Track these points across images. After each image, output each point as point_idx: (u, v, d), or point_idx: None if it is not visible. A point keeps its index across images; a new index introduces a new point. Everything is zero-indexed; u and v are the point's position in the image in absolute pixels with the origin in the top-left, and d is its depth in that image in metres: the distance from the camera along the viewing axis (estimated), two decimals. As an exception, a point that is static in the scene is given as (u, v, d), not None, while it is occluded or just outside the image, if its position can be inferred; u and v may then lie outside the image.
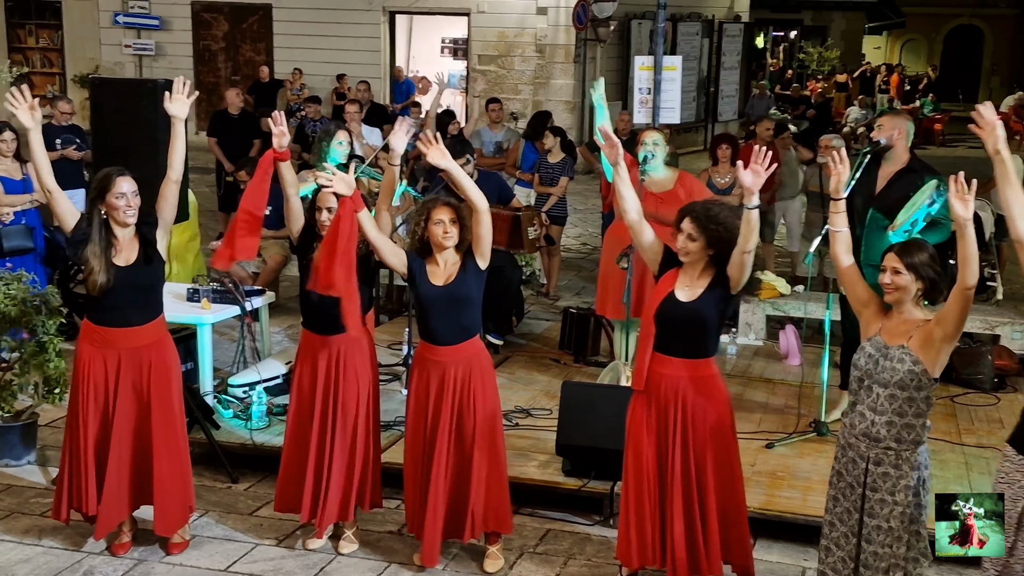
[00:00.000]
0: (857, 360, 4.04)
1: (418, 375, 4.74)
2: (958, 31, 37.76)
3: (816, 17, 31.99)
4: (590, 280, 10.53)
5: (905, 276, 3.91)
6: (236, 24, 19.64)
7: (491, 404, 4.71)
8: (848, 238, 4.19)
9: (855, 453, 4.01)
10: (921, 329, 3.90)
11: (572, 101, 18.01)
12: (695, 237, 4.27)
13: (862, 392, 4.00)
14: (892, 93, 27.60)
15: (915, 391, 3.90)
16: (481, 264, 4.62)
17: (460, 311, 4.62)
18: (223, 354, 7.31)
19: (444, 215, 4.59)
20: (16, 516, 5.43)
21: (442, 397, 4.65)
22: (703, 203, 4.42)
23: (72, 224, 4.71)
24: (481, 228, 4.54)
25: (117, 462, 4.79)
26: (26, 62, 20.34)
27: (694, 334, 4.32)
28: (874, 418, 3.95)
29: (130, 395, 4.78)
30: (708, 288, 4.30)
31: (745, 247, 4.16)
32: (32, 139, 4.69)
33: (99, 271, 4.60)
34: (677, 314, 4.29)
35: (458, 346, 4.65)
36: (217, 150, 11.74)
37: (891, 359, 3.92)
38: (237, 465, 5.91)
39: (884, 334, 3.99)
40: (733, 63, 22.31)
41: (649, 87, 9.54)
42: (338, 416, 4.88)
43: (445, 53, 20.18)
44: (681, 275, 4.36)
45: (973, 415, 6.75)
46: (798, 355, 7.65)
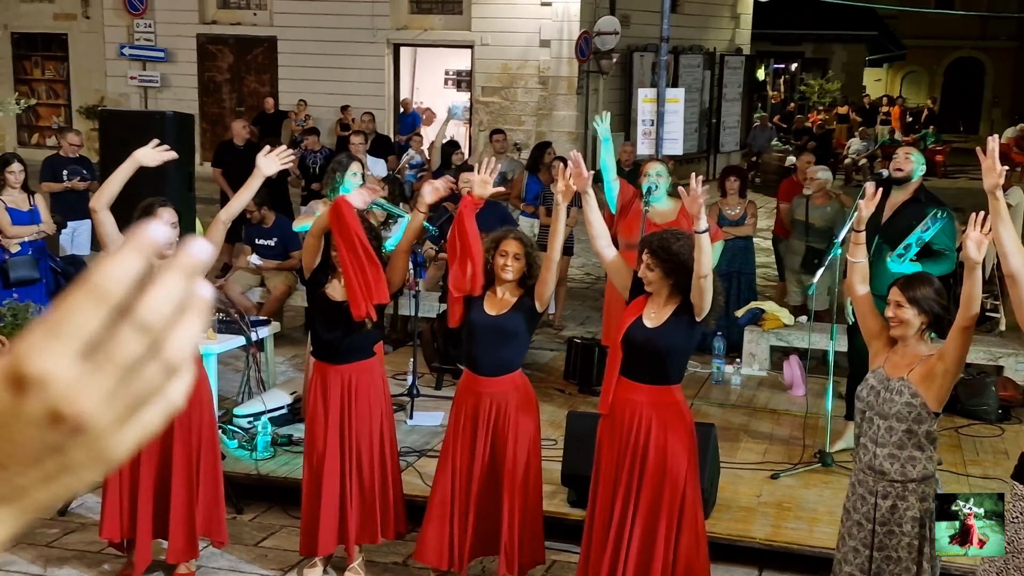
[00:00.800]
0: (860, 391, 4.06)
1: (458, 403, 4.75)
2: (959, 63, 37.96)
3: (817, 49, 32.18)
4: (594, 310, 10.55)
5: (908, 310, 3.93)
6: (241, 56, 19.79)
7: (525, 440, 4.66)
8: (865, 269, 4.22)
9: (864, 489, 4.01)
10: (923, 362, 3.92)
11: (575, 132, 18.11)
12: (652, 267, 4.31)
13: (864, 424, 4.03)
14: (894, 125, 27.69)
15: (914, 423, 3.90)
16: (538, 307, 4.62)
17: (504, 344, 4.62)
18: (227, 384, 7.32)
19: (510, 248, 4.60)
20: (22, 546, 5.43)
21: (477, 427, 4.64)
22: (659, 234, 4.43)
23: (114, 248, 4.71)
24: (549, 273, 4.56)
25: (147, 489, 4.80)
26: (32, 93, 20.47)
27: (658, 360, 4.32)
28: (876, 450, 3.96)
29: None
30: (674, 315, 4.32)
31: (700, 272, 4.18)
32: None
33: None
34: (643, 340, 4.31)
35: (496, 379, 4.64)
36: (222, 180, 11.78)
37: (891, 391, 3.94)
38: (242, 495, 5.90)
39: (888, 366, 4.01)
40: (735, 95, 22.44)
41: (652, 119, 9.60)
42: (354, 445, 4.86)
43: (449, 85, 20.33)
44: (649, 302, 4.39)
45: (978, 446, 6.75)
46: (802, 386, 7.64)
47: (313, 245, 4.81)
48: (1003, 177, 3.77)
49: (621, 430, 4.37)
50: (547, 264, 4.55)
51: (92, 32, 20.66)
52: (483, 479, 4.66)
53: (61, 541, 5.50)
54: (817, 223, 8.66)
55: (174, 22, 19.67)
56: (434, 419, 6.93)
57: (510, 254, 4.58)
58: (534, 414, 4.75)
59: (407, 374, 7.43)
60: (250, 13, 19.74)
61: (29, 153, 15.61)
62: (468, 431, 4.66)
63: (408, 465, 6.12)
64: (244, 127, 12.17)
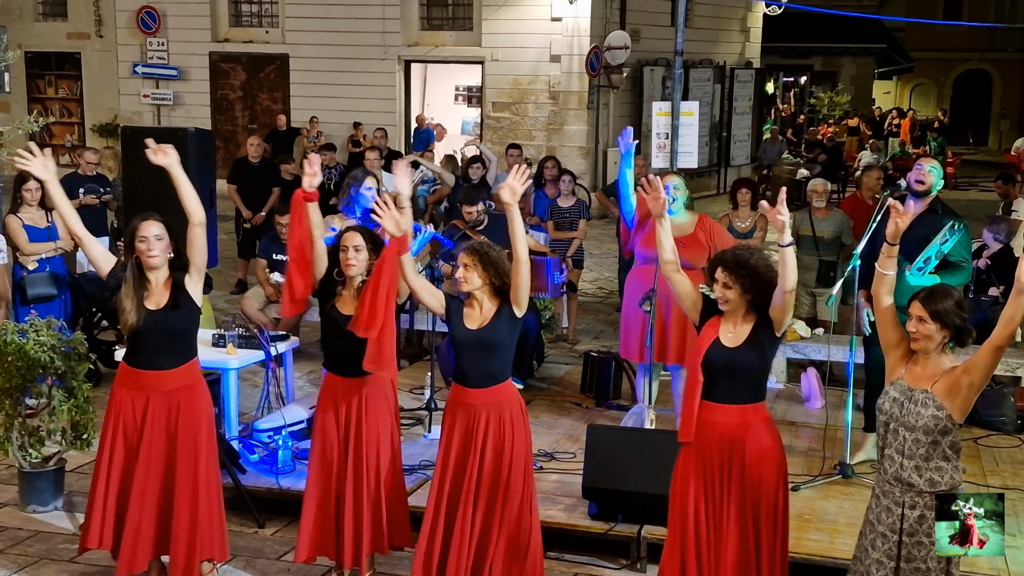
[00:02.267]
0: (882, 404, 4.04)
1: (448, 416, 4.76)
2: (967, 75, 37.98)
3: (826, 62, 32.22)
4: (608, 324, 10.57)
5: (930, 325, 3.92)
6: (253, 73, 19.91)
7: (520, 450, 4.68)
8: (893, 281, 4.20)
9: (890, 500, 3.99)
10: (947, 375, 3.91)
11: (586, 147, 18.17)
12: (730, 285, 4.28)
13: (889, 436, 4.01)
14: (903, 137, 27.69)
15: (939, 435, 3.90)
16: (517, 312, 4.63)
17: (490, 356, 4.63)
18: (245, 399, 7.35)
19: (462, 259, 4.64)
20: (44, 562, 5.45)
21: (470, 440, 4.65)
22: (732, 251, 4.42)
23: (107, 269, 4.80)
24: (519, 277, 4.54)
25: (139, 503, 4.80)
26: (46, 112, 20.60)
27: (743, 379, 4.29)
28: (903, 461, 3.95)
29: (157, 437, 4.80)
30: (752, 331, 4.30)
31: (785, 287, 4.17)
32: (51, 190, 4.78)
33: (130, 312, 4.69)
34: (726, 360, 4.27)
35: (486, 390, 4.65)
36: (236, 197, 11.85)
37: (915, 403, 3.93)
38: (264, 510, 5.93)
39: (908, 378, 4.00)
40: (745, 108, 22.49)
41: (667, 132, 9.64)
42: (361, 457, 4.88)
43: (459, 100, 20.42)
44: (724, 321, 4.36)
45: (997, 457, 6.74)
46: (820, 398, 7.65)
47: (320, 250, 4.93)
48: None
49: (710, 453, 4.31)
50: (516, 267, 4.53)
51: (105, 51, 20.82)
52: (480, 493, 4.63)
53: (84, 557, 5.48)
54: (825, 235, 8.69)
55: (187, 40, 19.82)
56: (452, 433, 6.94)
57: (462, 266, 4.61)
58: (525, 424, 4.76)
59: (424, 388, 7.45)
60: (262, 31, 19.87)
61: (44, 171, 15.65)
62: (461, 445, 4.67)
63: (428, 479, 6.13)
64: (258, 144, 12.23)
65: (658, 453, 5.44)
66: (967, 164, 24.83)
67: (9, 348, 5.79)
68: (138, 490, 4.80)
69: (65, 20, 21.24)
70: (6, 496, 6.22)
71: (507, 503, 4.64)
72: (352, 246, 4.84)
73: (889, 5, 33.66)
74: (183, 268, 4.82)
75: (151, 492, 4.84)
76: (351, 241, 4.86)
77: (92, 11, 20.84)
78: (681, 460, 4.43)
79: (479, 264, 4.59)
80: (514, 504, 4.65)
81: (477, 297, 4.66)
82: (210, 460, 4.95)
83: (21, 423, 5.90)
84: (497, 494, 4.64)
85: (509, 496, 4.64)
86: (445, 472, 4.72)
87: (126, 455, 4.83)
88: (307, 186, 4.90)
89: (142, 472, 4.80)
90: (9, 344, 5.80)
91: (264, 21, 19.94)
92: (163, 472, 4.85)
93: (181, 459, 4.83)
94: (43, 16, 21.54)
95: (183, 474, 4.83)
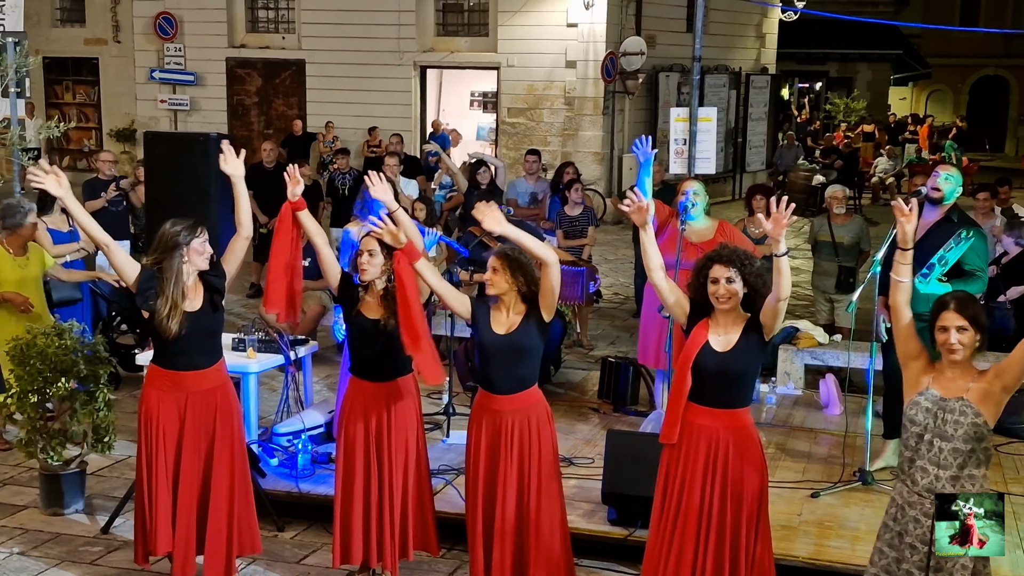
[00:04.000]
0: (914, 416, 3.96)
1: (475, 423, 4.76)
2: (983, 81, 37.84)
3: (842, 68, 32.15)
4: (624, 329, 10.57)
5: (971, 332, 3.88)
6: (269, 79, 19.98)
7: (548, 455, 4.69)
8: (910, 289, 4.14)
9: (918, 511, 3.95)
10: (980, 381, 3.88)
11: (601, 153, 18.16)
12: (733, 279, 4.26)
13: (923, 447, 3.94)
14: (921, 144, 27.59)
15: (977, 443, 3.87)
16: (546, 316, 4.62)
17: (518, 361, 4.63)
18: (264, 403, 7.37)
19: (491, 263, 4.65)
20: (66, 564, 5.48)
21: (499, 446, 4.66)
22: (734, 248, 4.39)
23: (133, 274, 4.79)
24: (549, 281, 4.54)
25: (187, 503, 4.85)
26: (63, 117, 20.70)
27: (732, 384, 4.31)
28: (938, 472, 3.90)
29: (201, 437, 4.86)
30: (743, 336, 4.30)
31: (780, 295, 4.17)
32: (68, 205, 4.81)
33: (173, 319, 4.70)
34: (716, 365, 4.27)
35: (515, 395, 4.65)
36: (252, 202, 11.86)
37: (952, 412, 3.88)
38: (283, 514, 5.94)
39: (938, 387, 3.95)
40: (760, 114, 22.45)
41: (685, 138, 9.62)
42: (391, 461, 4.89)
43: (474, 106, 20.45)
44: (713, 325, 4.35)
45: (1019, 464, 6.71)
46: (838, 405, 7.62)
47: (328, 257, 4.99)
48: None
49: (694, 455, 4.33)
50: (545, 271, 4.54)
51: (123, 56, 20.93)
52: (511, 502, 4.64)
53: (105, 559, 5.54)
54: (844, 241, 8.67)
55: (203, 46, 19.90)
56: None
57: (490, 269, 4.62)
58: (552, 428, 4.77)
59: (442, 393, 7.46)
60: (278, 37, 19.94)
61: (62, 176, 15.74)
62: (490, 451, 4.67)
63: (447, 483, 6.15)
64: (273, 149, 12.25)
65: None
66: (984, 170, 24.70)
67: (32, 351, 5.83)
68: (185, 490, 4.84)
69: (83, 26, 21.37)
70: (28, 498, 6.25)
71: (541, 509, 4.64)
72: (367, 251, 4.87)
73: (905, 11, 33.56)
74: (221, 275, 4.87)
75: (194, 493, 4.88)
76: (366, 246, 4.89)
77: (110, 17, 20.97)
78: (664, 461, 4.45)
79: (507, 269, 4.60)
80: (546, 510, 4.65)
81: (505, 301, 4.66)
82: (243, 456, 5.02)
83: (43, 426, 5.93)
84: (528, 500, 4.64)
85: (541, 502, 4.64)
86: (476, 481, 4.71)
87: (174, 457, 4.85)
88: (291, 195, 4.92)
89: (187, 472, 4.85)
90: (32, 347, 5.83)
91: (280, 27, 20.01)
92: (204, 471, 4.89)
93: (219, 457, 4.88)
94: (61, 22, 21.68)
95: (220, 472, 4.88)
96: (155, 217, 5.88)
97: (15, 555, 5.56)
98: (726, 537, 4.32)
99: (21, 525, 5.92)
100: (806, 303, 10.76)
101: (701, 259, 4.42)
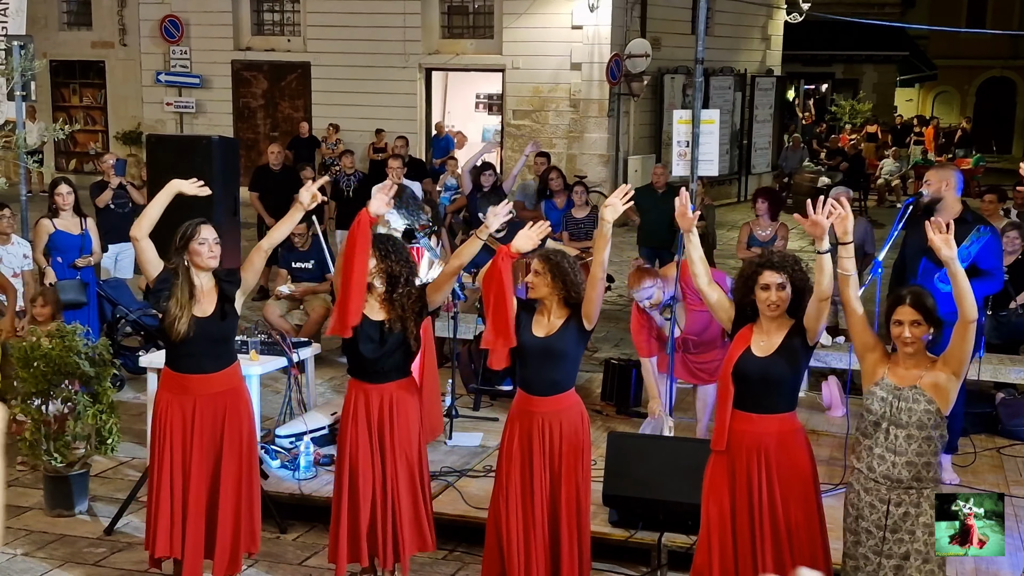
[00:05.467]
0: (871, 405, 4.09)
1: (511, 423, 4.77)
2: (990, 83, 37.75)
3: (848, 70, 32.13)
4: (627, 332, 10.55)
5: (924, 326, 4.02)
6: (275, 82, 20.03)
7: (579, 458, 4.68)
8: (857, 283, 4.19)
9: (874, 497, 4.08)
10: (931, 371, 4.02)
11: (606, 155, 18.17)
12: (785, 285, 4.26)
13: (879, 435, 4.06)
14: (927, 145, 27.54)
15: (932, 430, 4.00)
16: (587, 325, 4.63)
17: (554, 365, 4.63)
18: (267, 405, 7.39)
19: (535, 266, 4.67)
20: (70, 565, 5.50)
21: (532, 448, 4.66)
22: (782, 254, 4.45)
23: (155, 273, 4.83)
24: (594, 292, 4.55)
25: (196, 507, 4.87)
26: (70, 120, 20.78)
27: (773, 388, 4.28)
28: (894, 459, 4.02)
29: (207, 441, 4.88)
30: (785, 340, 4.28)
31: (820, 295, 4.16)
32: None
33: (181, 320, 4.73)
34: (758, 370, 4.26)
35: (549, 398, 4.66)
36: (258, 204, 11.91)
37: (906, 400, 4.01)
38: (285, 515, 5.96)
39: (894, 377, 4.07)
40: (766, 116, 22.45)
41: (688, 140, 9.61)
42: (393, 462, 4.90)
43: (480, 108, 20.47)
44: (756, 330, 4.34)
45: (1021, 466, 6.71)
46: (841, 407, 7.63)
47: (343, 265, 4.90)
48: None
49: (740, 463, 4.31)
50: (591, 282, 4.55)
51: (129, 59, 20.99)
52: (542, 502, 4.64)
53: (109, 560, 5.57)
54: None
55: (209, 49, 19.96)
56: (473, 440, 6.97)
57: (532, 270, 4.63)
58: (588, 432, 4.76)
59: (445, 395, 7.47)
60: (284, 39, 19.99)
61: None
62: (524, 452, 4.68)
63: (449, 485, 6.16)
64: (279, 152, 12.29)
65: (679, 460, 5.46)
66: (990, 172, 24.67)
67: (36, 354, 5.86)
68: (194, 494, 4.86)
69: (89, 29, 21.44)
70: (32, 500, 6.28)
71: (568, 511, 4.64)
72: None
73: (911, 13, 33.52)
74: (235, 283, 4.88)
75: (202, 495, 4.90)
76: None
77: (116, 20, 21.03)
78: (711, 468, 4.43)
79: (549, 273, 4.60)
80: (573, 512, 4.65)
81: (547, 305, 4.67)
82: (252, 461, 5.02)
83: (47, 428, 5.96)
84: (560, 502, 4.65)
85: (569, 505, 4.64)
86: (511, 482, 4.70)
87: (181, 460, 4.88)
88: (375, 210, 4.78)
89: (196, 476, 4.87)
90: (36, 350, 5.86)
91: (286, 30, 20.06)
92: (211, 474, 4.91)
93: (227, 460, 4.90)
94: (67, 25, 21.75)
95: (229, 476, 4.90)
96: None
97: (20, 556, 5.59)
98: (783, 545, 4.28)
99: (26, 526, 5.95)
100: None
101: (749, 265, 4.41)
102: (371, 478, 4.91)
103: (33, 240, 8.08)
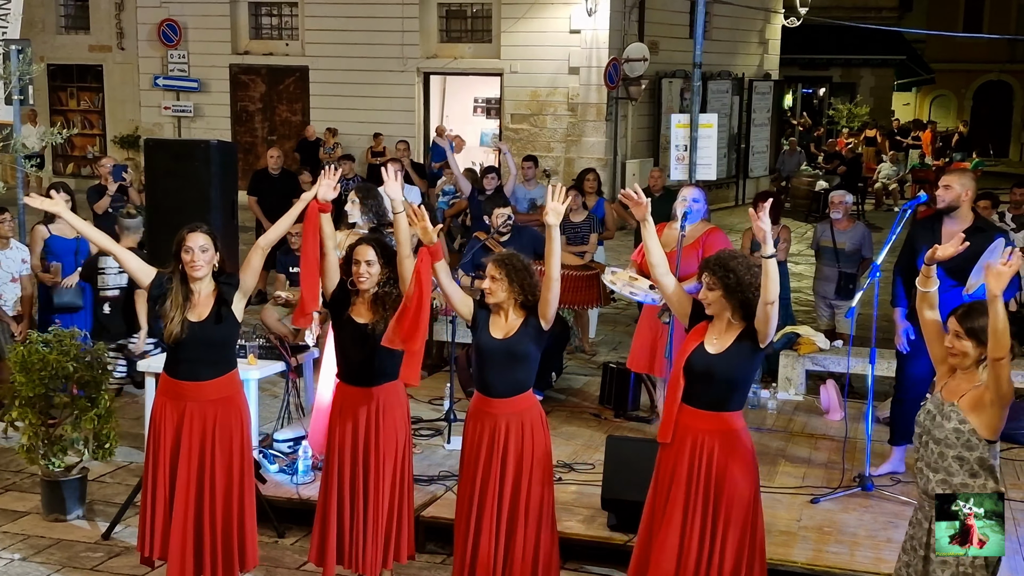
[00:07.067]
0: (919, 417, 4.04)
1: (470, 426, 4.78)
2: (987, 87, 37.80)
3: (845, 74, 32.14)
4: (626, 335, 10.55)
5: (965, 341, 3.91)
6: (273, 85, 20.03)
7: (540, 459, 4.71)
8: (934, 298, 4.18)
9: (922, 515, 4.00)
10: (974, 390, 3.89)
11: (604, 158, 18.18)
12: (712, 287, 4.33)
13: (922, 449, 4.00)
14: (924, 149, 27.55)
15: (964, 450, 3.86)
16: (544, 325, 4.65)
17: (514, 366, 4.65)
18: (264, 409, 7.39)
19: (490, 271, 4.67)
20: (67, 570, 5.49)
21: (493, 449, 4.67)
22: (718, 254, 4.46)
23: (147, 280, 4.82)
24: (550, 293, 4.57)
25: (181, 514, 4.82)
26: (67, 124, 20.81)
27: (720, 387, 4.33)
28: (930, 475, 3.94)
29: (193, 448, 4.83)
30: (736, 341, 4.32)
31: (767, 299, 4.18)
32: (71, 221, 4.88)
33: (174, 322, 4.71)
34: (704, 366, 4.31)
35: (510, 399, 4.67)
36: (257, 209, 11.90)
37: (943, 415, 3.92)
38: (283, 519, 5.95)
39: (945, 391, 4.00)
40: (763, 120, 22.47)
41: (686, 144, 9.65)
42: (375, 466, 4.89)
43: (478, 112, 20.47)
44: (711, 328, 4.40)
45: (1019, 470, 6.70)
46: (839, 410, 7.63)
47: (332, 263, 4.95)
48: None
49: (681, 458, 4.36)
50: (547, 283, 4.56)
51: (127, 63, 21.00)
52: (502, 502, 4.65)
53: (106, 565, 5.56)
54: (846, 247, 8.68)
55: (207, 53, 19.97)
56: (471, 444, 6.96)
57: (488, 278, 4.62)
58: (546, 433, 4.79)
59: (443, 399, 7.46)
60: (282, 43, 20.00)
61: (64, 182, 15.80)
62: (483, 455, 4.69)
63: (447, 489, 6.16)
64: (278, 156, 12.28)
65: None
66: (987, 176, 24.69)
67: (33, 358, 5.85)
68: (179, 500, 4.82)
69: (87, 33, 21.45)
70: (29, 504, 6.27)
71: (528, 512, 4.66)
72: (364, 260, 4.86)
73: (909, 17, 33.56)
74: (233, 285, 4.83)
75: (190, 503, 4.84)
76: (363, 255, 4.87)
77: (114, 24, 21.03)
78: (659, 461, 4.50)
79: (506, 277, 4.62)
80: (534, 513, 4.67)
81: (504, 307, 4.68)
82: (244, 474, 4.93)
83: (45, 432, 5.95)
84: (519, 503, 4.67)
85: (530, 505, 4.66)
86: (473, 483, 4.72)
87: (169, 464, 4.85)
88: (322, 197, 4.89)
89: (182, 482, 4.83)
90: (33, 354, 5.86)
91: (284, 33, 20.07)
92: (198, 483, 4.85)
93: (218, 471, 4.84)
94: (65, 29, 21.75)
95: (217, 488, 4.84)
96: (156, 225, 5.91)
97: (17, 561, 5.58)
98: (706, 539, 4.32)
99: (23, 531, 5.94)
100: (808, 308, 10.78)
101: (700, 264, 4.48)
102: (352, 483, 4.90)
103: (29, 246, 8.08)
